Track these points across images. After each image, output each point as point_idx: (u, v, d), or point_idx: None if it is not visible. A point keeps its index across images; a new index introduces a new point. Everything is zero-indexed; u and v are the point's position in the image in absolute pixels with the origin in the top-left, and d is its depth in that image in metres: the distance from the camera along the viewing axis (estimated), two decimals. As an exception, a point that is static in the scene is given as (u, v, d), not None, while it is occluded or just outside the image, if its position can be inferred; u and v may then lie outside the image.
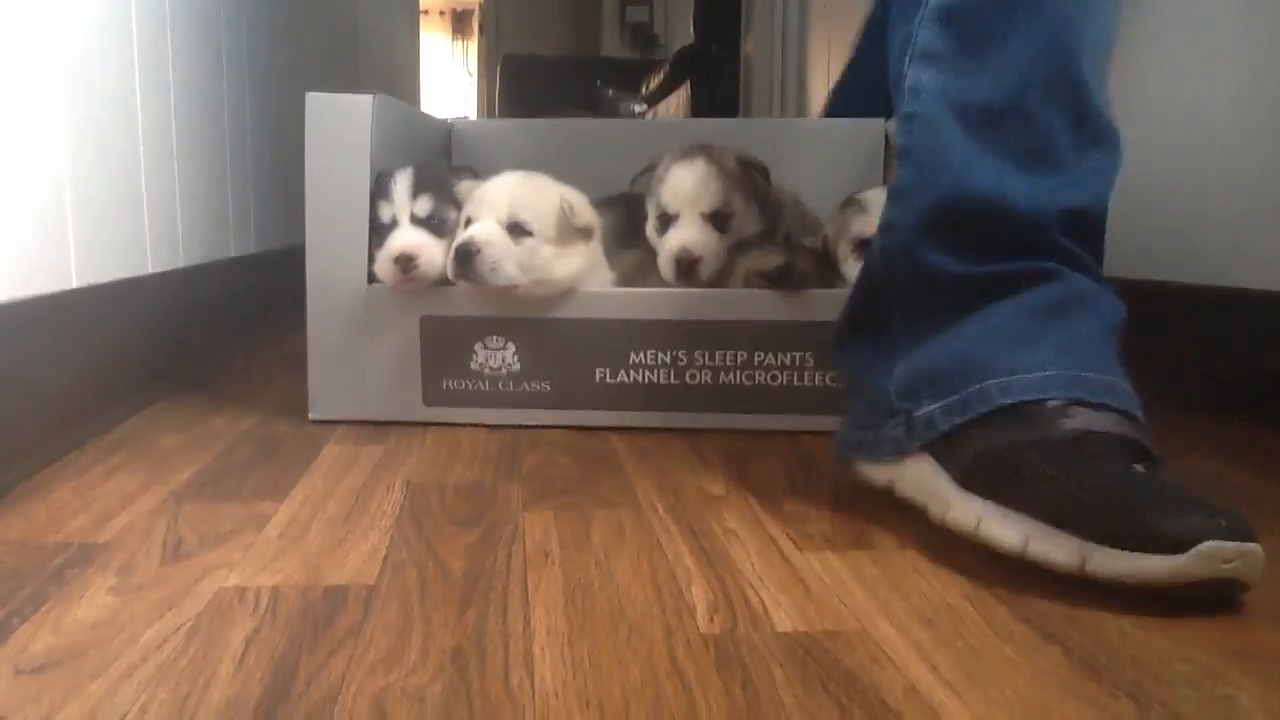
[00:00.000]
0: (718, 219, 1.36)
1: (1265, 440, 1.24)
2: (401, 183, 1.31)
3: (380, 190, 1.31)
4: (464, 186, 1.34)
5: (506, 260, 1.23)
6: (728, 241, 1.36)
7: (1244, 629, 0.71)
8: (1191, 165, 1.49)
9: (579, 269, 1.29)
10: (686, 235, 1.34)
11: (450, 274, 1.24)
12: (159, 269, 1.48)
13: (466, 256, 1.22)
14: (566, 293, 1.28)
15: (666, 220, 1.37)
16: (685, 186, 1.37)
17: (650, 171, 1.44)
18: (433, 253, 1.28)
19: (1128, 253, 1.62)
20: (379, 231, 1.30)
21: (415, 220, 1.30)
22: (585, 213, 1.30)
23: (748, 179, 1.41)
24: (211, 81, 1.79)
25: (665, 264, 1.34)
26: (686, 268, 1.32)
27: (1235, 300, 1.38)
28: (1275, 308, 1.31)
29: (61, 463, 1.11)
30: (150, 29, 1.49)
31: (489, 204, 1.26)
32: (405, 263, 1.26)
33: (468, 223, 1.27)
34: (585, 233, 1.30)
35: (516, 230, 1.25)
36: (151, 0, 1.49)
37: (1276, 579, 0.80)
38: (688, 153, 1.40)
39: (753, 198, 1.41)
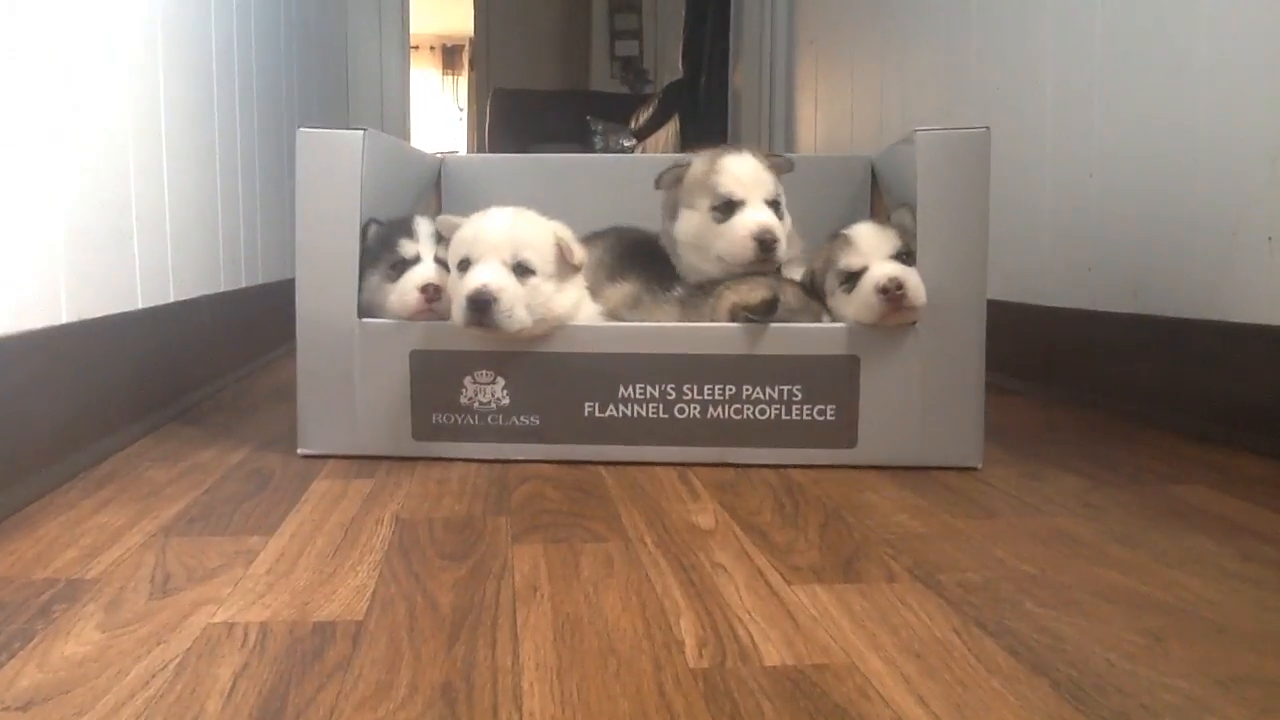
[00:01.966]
0: (773, 206, 1.41)
1: (1252, 467, 1.25)
2: (425, 227, 1.36)
3: (403, 230, 1.35)
4: (443, 222, 1.35)
5: (519, 305, 1.23)
6: (785, 226, 1.41)
7: (1229, 657, 0.72)
8: (1175, 204, 1.50)
9: (574, 304, 1.30)
10: (762, 217, 1.38)
11: (461, 321, 1.23)
12: (149, 304, 1.48)
13: (485, 305, 1.21)
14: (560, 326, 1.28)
15: (730, 207, 1.39)
16: (746, 174, 1.41)
17: (680, 168, 1.46)
18: (447, 292, 1.30)
19: (1116, 288, 1.64)
20: (397, 266, 1.32)
21: (437, 260, 1.33)
22: (579, 249, 1.31)
23: (778, 173, 1.46)
24: (203, 117, 1.80)
25: (742, 243, 1.37)
26: (770, 245, 1.36)
27: (1218, 331, 1.39)
28: (1257, 338, 1.33)
29: (50, 497, 1.11)
30: (142, 64, 1.50)
31: (489, 244, 1.25)
32: (432, 292, 1.29)
33: (463, 263, 1.27)
34: (576, 268, 1.31)
35: (520, 270, 1.25)
36: (144, 37, 1.51)
37: (1261, 606, 0.81)
38: (726, 148, 1.45)
39: (783, 192, 1.46)
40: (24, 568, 0.89)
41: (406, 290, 1.30)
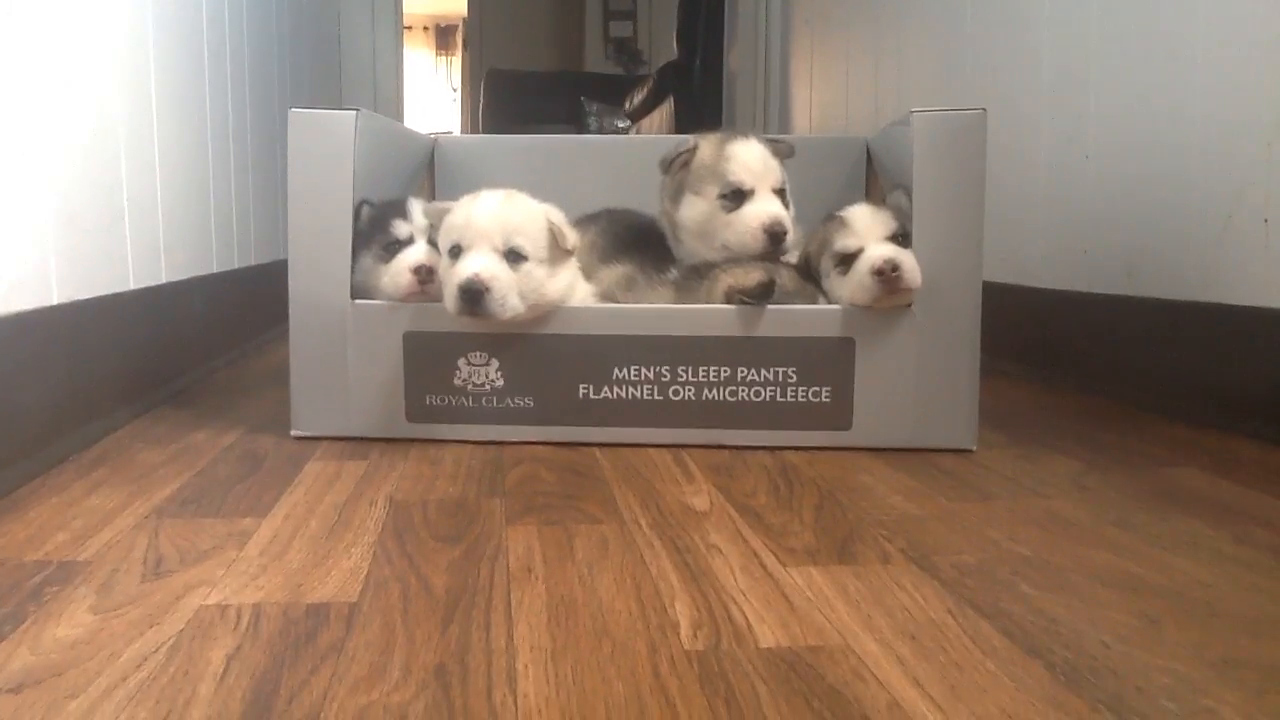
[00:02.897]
0: (780, 195, 1.41)
1: (1246, 450, 1.25)
2: (419, 208, 1.35)
3: (396, 211, 1.34)
4: (431, 209, 1.34)
5: (512, 293, 1.22)
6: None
7: (1224, 640, 0.72)
8: (1171, 186, 1.50)
9: (567, 287, 1.29)
10: (773, 208, 1.38)
11: (454, 310, 1.22)
12: (141, 284, 1.48)
13: (477, 295, 1.20)
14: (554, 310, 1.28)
15: (740, 195, 1.39)
16: (756, 163, 1.40)
17: (687, 152, 1.45)
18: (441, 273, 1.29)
19: (1111, 270, 1.63)
20: (390, 248, 1.31)
21: (430, 241, 1.33)
22: (571, 232, 1.30)
23: (782, 159, 1.45)
24: (194, 97, 1.79)
25: (753, 234, 1.37)
26: (780, 237, 1.36)
27: (1213, 315, 1.39)
28: (1252, 321, 1.32)
29: (42, 479, 1.11)
30: (132, 45, 1.49)
31: (480, 230, 1.24)
32: (425, 274, 1.28)
33: (454, 250, 1.26)
34: (569, 252, 1.30)
35: (512, 256, 1.24)
36: (134, 17, 1.49)
37: (1255, 589, 0.81)
38: (733, 133, 1.44)
39: (787, 179, 1.45)
40: (15, 550, 0.89)
41: (399, 272, 1.29)
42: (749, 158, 1.40)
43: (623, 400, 1.28)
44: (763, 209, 1.37)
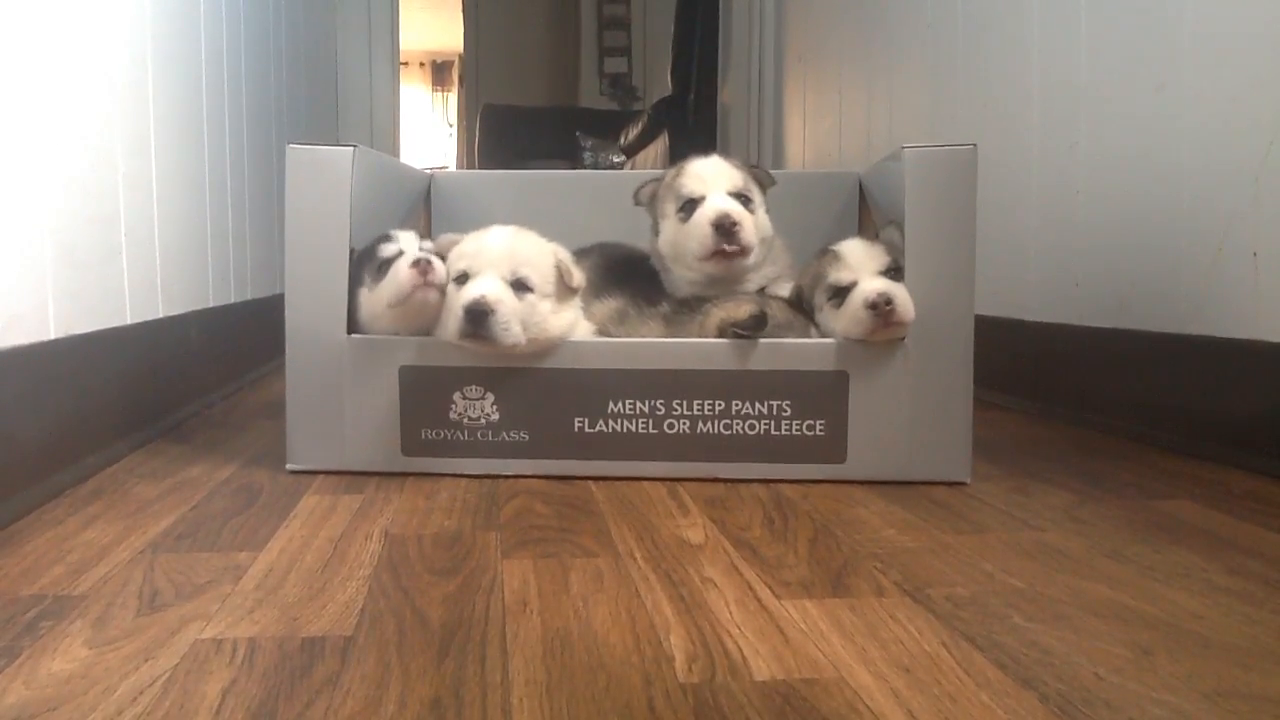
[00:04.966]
0: (741, 199, 1.40)
1: (1238, 481, 1.26)
2: (403, 232, 1.35)
3: (381, 239, 1.33)
4: (442, 240, 1.35)
5: (515, 320, 1.23)
6: (758, 223, 1.40)
7: (1216, 671, 0.72)
8: (1161, 220, 1.51)
9: (569, 324, 1.30)
10: (720, 203, 1.37)
11: (456, 333, 1.23)
12: (138, 319, 1.48)
13: (481, 316, 1.21)
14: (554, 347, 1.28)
15: (693, 204, 1.40)
16: (707, 171, 1.41)
17: (654, 182, 1.48)
18: (442, 270, 1.28)
19: (1103, 303, 1.64)
20: (382, 267, 1.29)
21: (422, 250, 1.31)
22: (578, 272, 1.31)
23: (756, 180, 1.46)
24: (192, 131, 1.80)
25: (701, 234, 1.36)
26: (728, 230, 1.35)
27: (1204, 347, 1.40)
28: (1242, 354, 1.33)
29: (37, 513, 1.11)
30: (131, 79, 1.50)
31: (489, 258, 1.25)
32: (424, 265, 1.25)
33: (461, 277, 1.26)
34: (574, 290, 1.31)
35: (518, 286, 1.25)
36: (132, 51, 1.51)
37: (1248, 620, 0.81)
38: (697, 155, 1.47)
39: (763, 197, 1.46)
40: (11, 584, 0.89)
41: (399, 272, 1.26)
42: (699, 169, 1.42)
43: (617, 433, 1.28)
44: (709, 206, 1.38)
